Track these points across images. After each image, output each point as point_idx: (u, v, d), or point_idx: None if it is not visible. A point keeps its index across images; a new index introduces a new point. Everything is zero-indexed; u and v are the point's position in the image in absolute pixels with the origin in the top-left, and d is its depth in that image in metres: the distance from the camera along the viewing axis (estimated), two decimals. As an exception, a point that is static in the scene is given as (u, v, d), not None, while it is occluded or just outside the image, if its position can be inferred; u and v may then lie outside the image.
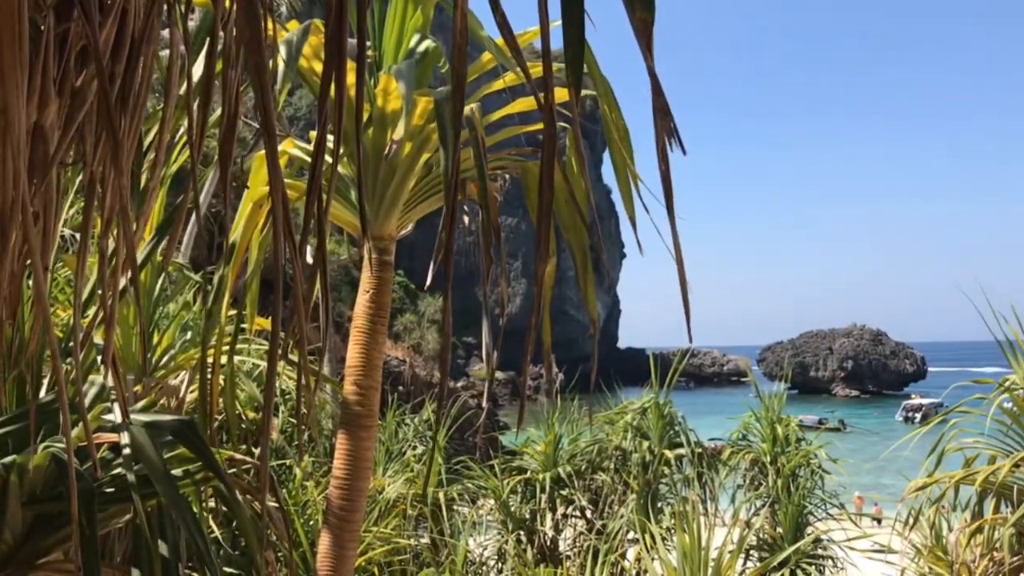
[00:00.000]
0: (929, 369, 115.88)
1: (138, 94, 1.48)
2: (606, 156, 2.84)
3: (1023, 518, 5.10)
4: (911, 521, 5.89)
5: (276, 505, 3.53)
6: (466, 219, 3.03)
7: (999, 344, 5.65)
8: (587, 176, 2.12)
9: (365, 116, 2.45)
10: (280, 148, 2.86)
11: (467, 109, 2.26)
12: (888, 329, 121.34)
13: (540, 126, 2.51)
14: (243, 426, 6.46)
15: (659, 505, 9.06)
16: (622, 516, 8.59)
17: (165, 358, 4.59)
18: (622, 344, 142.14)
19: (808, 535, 8.28)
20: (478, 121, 2.24)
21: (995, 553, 5.24)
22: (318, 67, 2.63)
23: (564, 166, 2.75)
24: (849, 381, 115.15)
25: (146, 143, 2.19)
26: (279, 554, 3.88)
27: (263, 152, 2.07)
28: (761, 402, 9.49)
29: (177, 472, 2.37)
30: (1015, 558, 5.32)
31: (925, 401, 71.57)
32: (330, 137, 3.17)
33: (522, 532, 9.18)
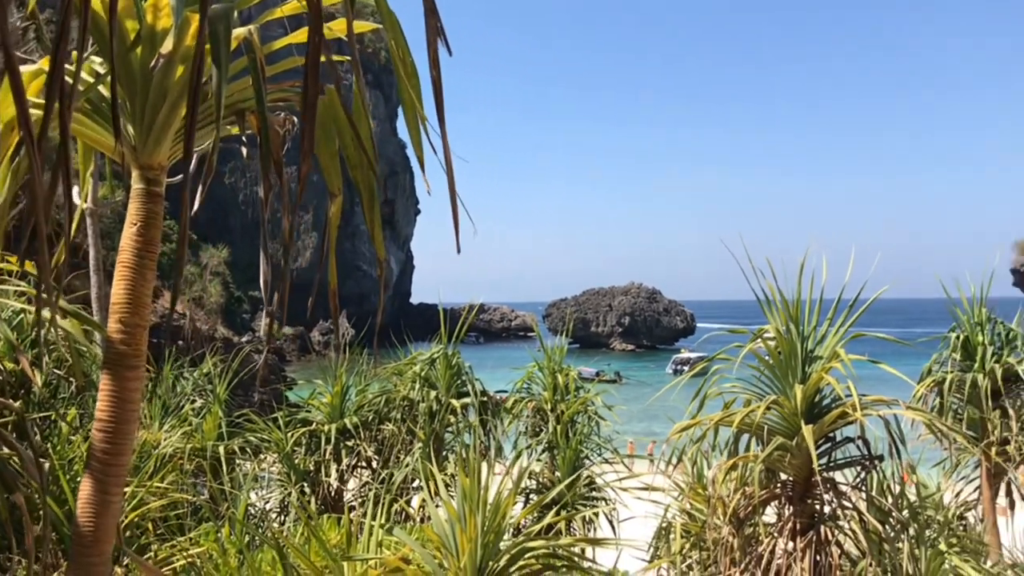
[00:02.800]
0: (698, 325, 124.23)
1: None
2: (402, 111, 2.79)
3: (771, 455, 5.59)
4: (675, 461, 6.30)
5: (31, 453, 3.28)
6: (244, 150, 2.89)
7: (757, 299, 6.11)
8: (368, 109, 2.07)
9: (132, 34, 2.27)
10: (37, 67, 2.60)
11: (244, 31, 2.14)
12: (663, 288, 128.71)
13: (336, 58, 2.42)
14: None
15: (444, 453, 9.21)
16: (408, 465, 8.67)
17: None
18: (415, 299, 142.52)
19: (584, 478, 8.71)
20: (257, 46, 2.13)
21: (747, 488, 5.72)
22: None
23: (349, 102, 2.68)
24: (626, 336, 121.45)
25: None
26: (38, 504, 3.62)
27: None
28: (544, 354, 9.82)
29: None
30: (763, 491, 5.84)
31: (693, 355, 76.75)
32: (98, 59, 2.93)
33: (306, 484, 9.07)
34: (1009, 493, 10.27)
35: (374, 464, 9.38)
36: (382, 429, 9.45)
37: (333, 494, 9.14)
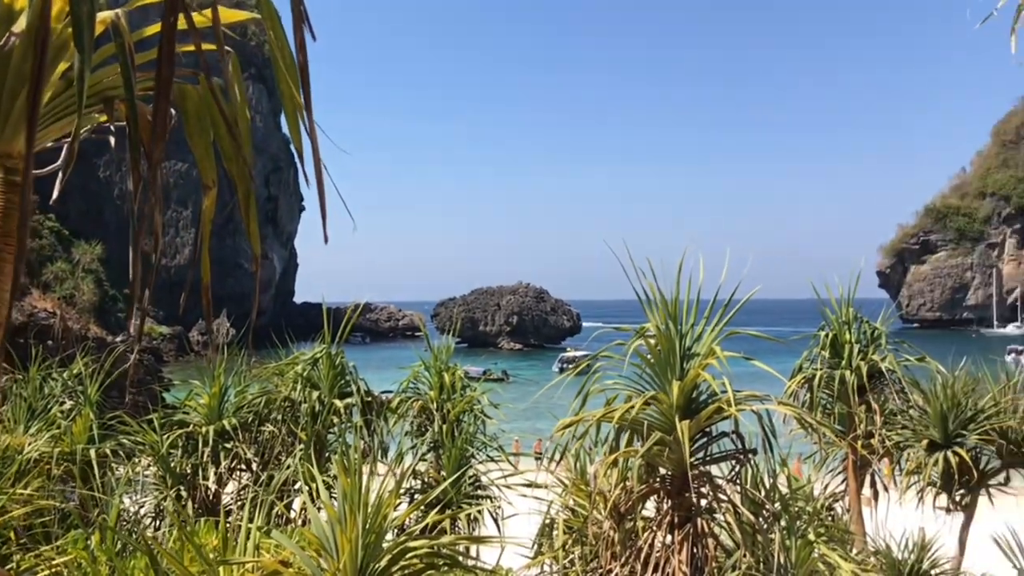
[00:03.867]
0: (584, 324, 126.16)
1: None
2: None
3: (651, 450, 5.73)
4: (557, 456, 6.39)
5: None
6: (112, 140, 2.77)
7: (639, 298, 6.25)
8: (245, 99, 2.01)
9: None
10: None
11: (111, 15, 2.06)
12: (550, 288, 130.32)
13: (207, 46, 2.35)
14: None
15: (327, 454, 9.07)
16: (288, 466, 8.50)
17: None
18: (300, 299, 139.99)
19: (469, 476, 8.72)
20: (125, 30, 2.04)
21: (627, 483, 5.85)
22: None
23: (226, 92, 2.60)
24: (514, 335, 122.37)
25: None
26: None
27: None
28: (431, 353, 9.79)
29: None
30: (643, 486, 5.97)
31: (578, 353, 77.75)
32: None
33: (182, 487, 8.78)
34: (873, 484, 10.81)
35: (254, 466, 9.16)
36: (262, 430, 9.24)
37: (211, 497, 8.89)
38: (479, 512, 8.42)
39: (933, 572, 10.30)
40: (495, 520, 8.63)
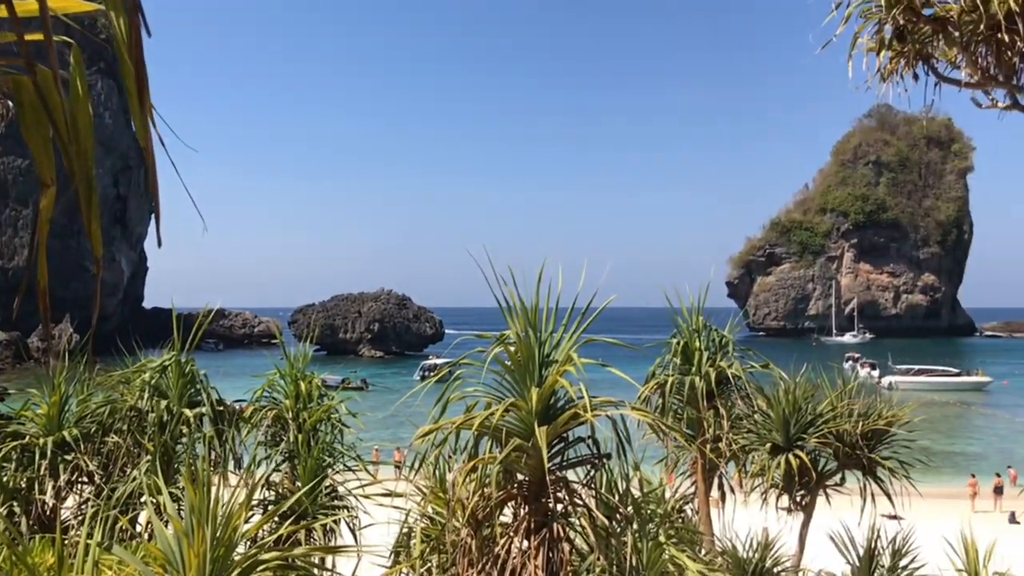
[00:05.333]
0: (447, 331, 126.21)
1: None
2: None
3: (509, 456, 5.77)
4: (416, 465, 6.35)
5: None
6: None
7: (499, 306, 6.30)
8: (86, 93, 1.90)
9: None
10: None
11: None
12: (412, 295, 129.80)
13: (39, 36, 2.22)
14: None
15: (176, 466, 8.73)
16: (134, 479, 8.12)
17: None
18: (150, 303, 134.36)
19: (326, 486, 8.56)
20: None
21: (485, 489, 5.86)
22: None
23: (67, 85, 2.46)
24: (375, 342, 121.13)
25: None
26: None
27: None
28: (287, 361, 9.56)
29: None
30: (501, 492, 6.01)
31: (440, 361, 77.88)
32: None
33: (15, 503, 8.25)
34: (721, 486, 11.26)
35: (97, 479, 8.71)
36: (106, 441, 8.80)
37: (48, 513, 8.39)
38: (335, 522, 8.28)
39: (775, 570, 10.82)
40: (352, 530, 8.51)
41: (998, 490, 36.51)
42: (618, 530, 6.08)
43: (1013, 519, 30.29)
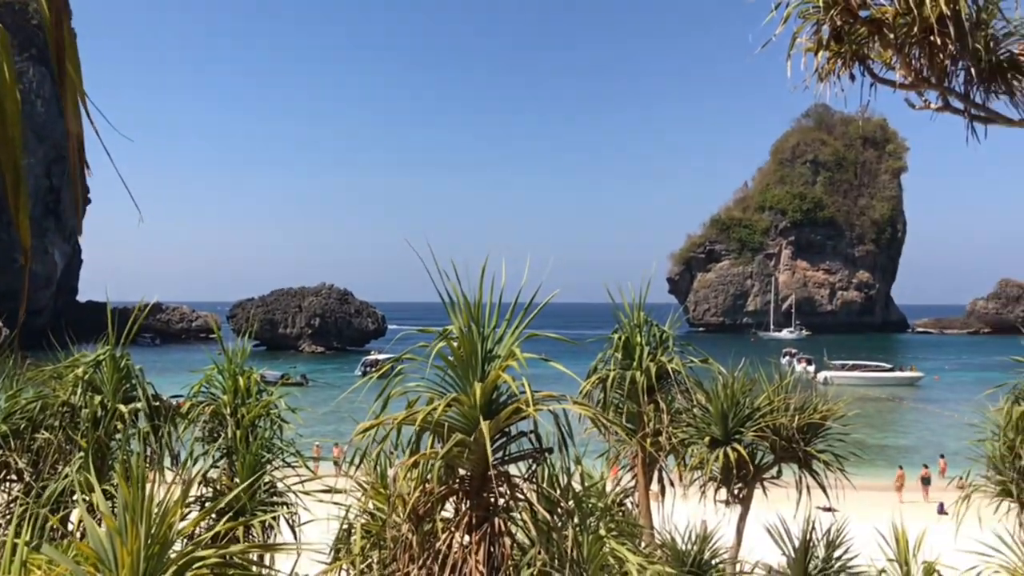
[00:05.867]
0: (389, 327, 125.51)
1: None
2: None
3: (451, 451, 5.76)
4: (357, 461, 6.30)
5: None
6: None
7: (442, 300, 6.27)
8: (13, 79, 1.85)
9: None
10: None
11: None
12: (355, 289, 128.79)
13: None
14: None
15: (110, 462, 8.53)
16: (66, 476, 7.92)
17: None
18: (84, 297, 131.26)
19: (265, 483, 8.45)
20: None
21: (427, 484, 5.84)
22: None
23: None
24: (316, 338, 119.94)
25: None
26: None
27: None
28: (226, 356, 9.41)
29: None
30: (442, 487, 5.99)
31: (382, 356, 77.51)
32: None
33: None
34: (661, 480, 11.39)
35: (26, 476, 8.47)
36: (36, 438, 8.56)
37: (-27, 513, 8.14)
38: (274, 519, 8.18)
39: (713, 561, 10.98)
40: (291, 527, 8.41)
41: (925, 481, 37.81)
42: (559, 524, 6.10)
43: (942, 510, 31.16)
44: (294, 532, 8.27)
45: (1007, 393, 9.83)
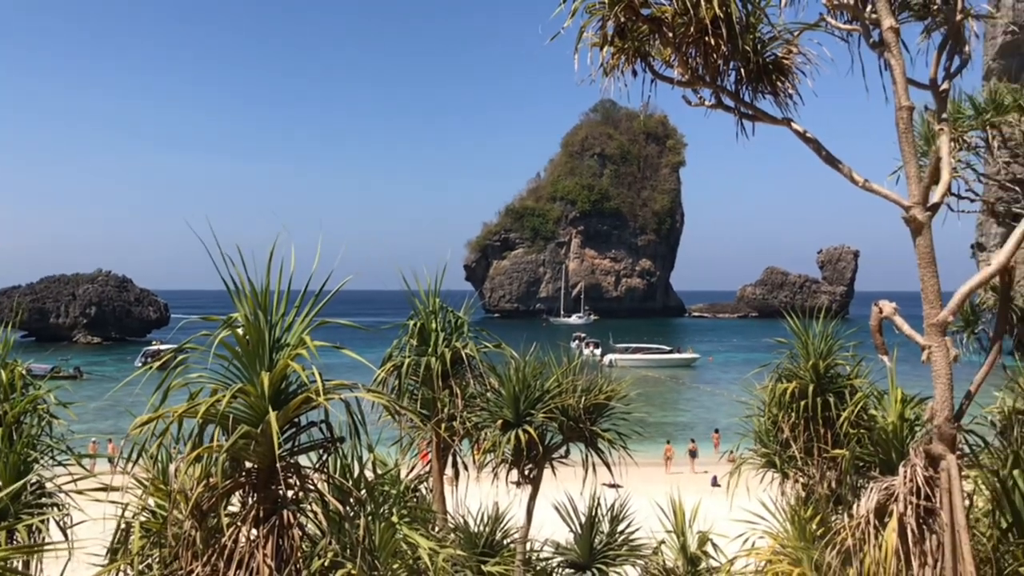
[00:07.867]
0: (172, 315, 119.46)
1: None
2: None
3: (236, 444, 5.56)
4: (135, 456, 5.95)
5: None
6: None
7: (227, 287, 6.02)
8: None
9: None
10: None
11: None
12: (135, 277, 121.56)
13: None
14: None
15: None
16: None
17: None
18: None
19: (32, 483, 7.84)
20: None
21: (210, 479, 5.61)
22: None
23: None
24: (92, 327, 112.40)
25: None
26: None
27: None
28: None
29: None
30: (228, 481, 5.78)
31: (164, 346, 73.90)
32: None
33: None
34: (455, 464, 11.52)
35: None
36: None
37: None
38: (42, 522, 7.60)
39: (505, 541, 11.27)
40: (62, 529, 7.85)
41: (692, 454, 41.46)
42: (351, 514, 6.05)
43: (715, 483, 33.47)
44: (65, 534, 7.71)
45: (771, 372, 10.61)
